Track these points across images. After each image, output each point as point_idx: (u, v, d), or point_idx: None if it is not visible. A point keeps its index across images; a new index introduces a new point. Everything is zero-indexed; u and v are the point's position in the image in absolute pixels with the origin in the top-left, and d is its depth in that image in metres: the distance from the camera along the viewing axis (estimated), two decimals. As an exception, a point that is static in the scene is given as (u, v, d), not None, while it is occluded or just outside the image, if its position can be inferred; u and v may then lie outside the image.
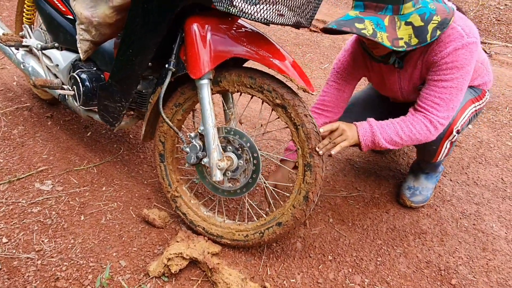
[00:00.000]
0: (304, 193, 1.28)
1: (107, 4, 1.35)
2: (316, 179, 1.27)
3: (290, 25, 1.19)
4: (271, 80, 1.26)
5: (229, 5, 1.13)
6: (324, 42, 3.35)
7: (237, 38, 1.26)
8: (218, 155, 1.29)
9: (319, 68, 2.89)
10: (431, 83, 1.32)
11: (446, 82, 1.29)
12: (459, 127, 1.47)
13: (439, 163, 1.66)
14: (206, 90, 1.26)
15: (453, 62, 1.27)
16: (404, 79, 1.48)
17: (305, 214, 1.31)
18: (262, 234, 1.36)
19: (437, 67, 1.30)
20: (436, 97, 1.31)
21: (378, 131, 1.32)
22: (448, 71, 1.28)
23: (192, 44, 1.23)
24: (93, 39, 1.43)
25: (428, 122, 1.31)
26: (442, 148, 1.52)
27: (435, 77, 1.31)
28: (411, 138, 1.32)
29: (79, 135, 2.06)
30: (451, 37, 1.27)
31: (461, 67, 1.27)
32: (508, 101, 2.58)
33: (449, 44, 1.27)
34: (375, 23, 1.21)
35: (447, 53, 1.27)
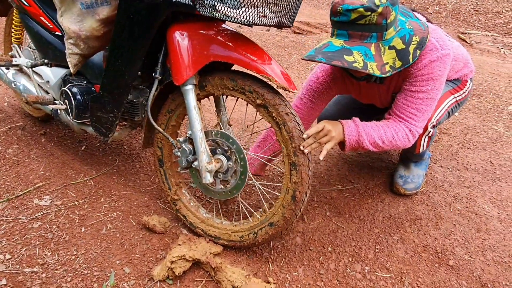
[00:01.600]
0: (291, 193, 1.28)
1: (94, 18, 1.38)
2: (303, 177, 1.27)
3: (273, 26, 1.23)
4: (252, 81, 1.28)
5: (213, 10, 1.17)
6: (309, 43, 3.41)
7: (217, 42, 1.27)
8: (206, 158, 1.31)
9: (306, 69, 2.95)
10: (409, 94, 1.37)
11: (422, 93, 1.35)
12: (434, 122, 1.53)
13: (422, 153, 1.71)
14: (191, 95, 1.29)
15: (428, 74, 1.33)
16: (383, 91, 1.54)
17: (295, 213, 1.31)
18: (255, 234, 1.38)
19: (414, 78, 1.36)
20: (413, 108, 1.37)
21: (363, 132, 1.35)
22: (424, 83, 1.34)
23: (174, 51, 1.26)
24: (82, 52, 1.46)
25: (408, 131, 1.37)
26: (421, 141, 1.58)
27: (411, 87, 1.37)
28: (392, 144, 1.37)
29: (73, 149, 2.08)
30: (427, 49, 1.33)
31: (436, 79, 1.34)
32: (491, 87, 2.65)
33: (424, 57, 1.33)
34: (363, 53, 1.23)
35: (423, 65, 1.33)
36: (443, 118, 1.59)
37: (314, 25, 3.78)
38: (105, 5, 1.38)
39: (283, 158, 1.30)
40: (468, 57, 1.66)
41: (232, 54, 1.25)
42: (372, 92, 1.56)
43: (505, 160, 1.96)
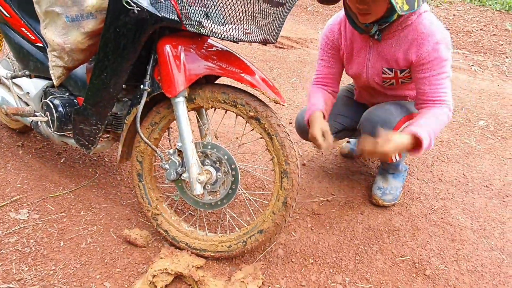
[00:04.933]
0: (282, 199, 1.34)
1: (79, 31, 1.38)
2: (293, 184, 1.33)
3: (258, 42, 1.27)
4: (243, 95, 1.33)
5: (199, 26, 1.20)
6: (290, 57, 3.48)
7: (208, 57, 1.33)
8: (197, 169, 1.33)
9: (287, 82, 3.00)
10: (433, 79, 1.48)
11: (443, 74, 1.47)
12: (402, 130, 1.58)
13: (397, 163, 1.77)
14: (182, 108, 1.31)
15: (440, 57, 1.44)
16: (373, 56, 1.59)
17: (285, 219, 1.36)
18: (245, 242, 1.40)
19: (429, 63, 1.46)
20: (443, 88, 1.48)
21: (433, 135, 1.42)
22: (440, 65, 1.45)
23: (166, 64, 1.28)
24: (66, 64, 1.46)
25: (448, 110, 1.50)
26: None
27: (433, 72, 1.47)
28: (441, 128, 1.49)
29: (52, 162, 2.04)
30: (428, 32, 1.43)
31: (447, 59, 1.47)
32: (463, 103, 2.77)
33: (430, 39, 1.43)
34: None
35: (431, 49, 1.44)
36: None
37: (295, 40, 3.87)
38: (90, 18, 1.38)
39: (274, 167, 1.35)
40: None
41: (226, 68, 1.29)
42: (363, 55, 1.62)
43: (477, 173, 2.04)
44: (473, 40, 3.86)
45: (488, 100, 2.83)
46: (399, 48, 1.51)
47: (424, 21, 1.45)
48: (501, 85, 3.09)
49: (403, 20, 1.46)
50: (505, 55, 3.59)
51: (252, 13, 1.17)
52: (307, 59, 3.42)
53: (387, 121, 1.59)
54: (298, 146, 2.25)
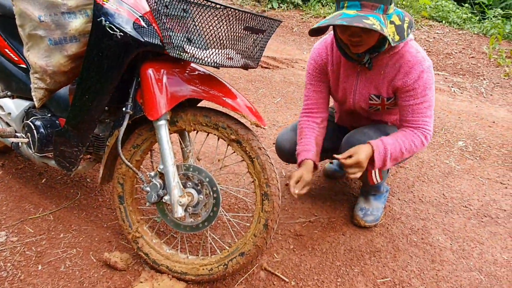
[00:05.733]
0: (263, 221, 1.35)
1: (62, 54, 1.39)
2: (274, 207, 1.34)
3: (239, 67, 1.29)
4: (225, 118, 1.35)
5: (181, 51, 1.22)
6: (276, 77, 3.54)
7: (191, 80, 1.35)
8: (178, 192, 1.33)
9: (272, 103, 3.05)
10: (416, 107, 1.53)
11: (425, 103, 1.52)
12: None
13: (378, 185, 1.80)
14: (164, 131, 1.32)
15: (424, 85, 1.50)
16: (361, 82, 1.62)
17: (266, 241, 1.37)
18: (226, 265, 1.40)
19: (413, 91, 1.51)
20: (424, 116, 1.53)
21: (389, 150, 1.50)
22: (424, 93, 1.51)
23: (149, 87, 1.30)
24: (48, 87, 1.46)
25: (424, 137, 1.54)
26: (371, 172, 1.67)
27: (417, 100, 1.52)
28: (411, 152, 1.55)
29: (33, 182, 2.02)
30: (413, 61, 1.49)
31: (431, 87, 1.52)
32: (443, 124, 2.84)
33: (414, 69, 1.49)
34: (377, 19, 1.34)
35: (416, 77, 1.49)
36: None
37: (280, 60, 3.93)
38: (74, 41, 1.40)
39: (255, 189, 1.36)
40: None
41: (208, 92, 1.32)
42: (350, 82, 1.65)
43: (456, 193, 2.09)
44: (452, 62, 3.98)
45: (467, 121, 2.91)
46: (387, 75, 1.55)
47: (411, 50, 1.50)
48: (479, 106, 3.18)
49: (391, 47, 1.50)
50: (482, 77, 3.71)
51: (233, 39, 1.20)
52: (292, 80, 3.47)
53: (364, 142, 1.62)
54: (282, 166, 2.27)
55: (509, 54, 4.06)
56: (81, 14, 1.38)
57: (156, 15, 1.20)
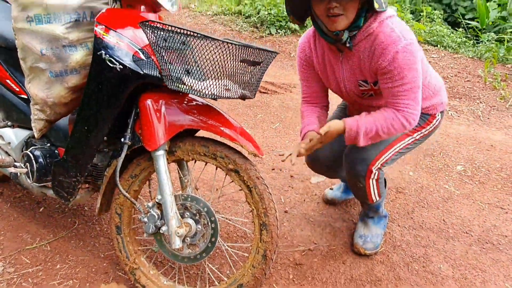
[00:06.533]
0: (262, 252, 1.34)
1: (62, 85, 1.42)
2: (272, 237, 1.34)
3: (236, 98, 1.31)
4: (223, 147, 1.36)
5: (180, 83, 1.24)
6: (274, 102, 3.57)
7: (189, 111, 1.37)
8: (176, 223, 1.32)
9: (270, 128, 3.07)
10: (395, 90, 1.45)
11: (406, 85, 1.43)
12: (379, 165, 1.63)
13: (377, 205, 1.79)
14: (162, 161, 1.33)
15: (400, 67, 1.40)
16: (346, 70, 1.57)
17: (265, 272, 1.35)
18: (224, 297, 1.38)
19: (389, 73, 1.43)
20: (405, 99, 1.45)
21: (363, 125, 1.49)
22: (402, 75, 1.41)
23: (147, 119, 1.32)
24: (48, 118, 1.48)
25: (405, 120, 1.46)
26: (370, 187, 1.66)
27: (395, 83, 1.44)
28: (390, 133, 1.50)
29: (31, 211, 2.01)
30: (390, 39, 1.40)
31: (410, 68, 1.41)
32: (441, 147, 2.85)
33: (389, 48, 1.40)
34: None
35: (391, 58, 1.40)
36: (390, 161, 1.67)
37: (278, 85, 3.98)
38: (74, 73, 1.42)
39: (253, 219, 1.36)
40: (441, 86, 1.72)
41: (206, 122, 1.33)
42: (337, 74, 1.60)
43: (456, 219, 2.07)
44: (448, 86, 4.03)
45: (465, 144, 2.92)
46: (367, 60, 1.49)
47: (385, 29, 1.41)
48: (476, 130, 3.20)
49: (365, 29, 1.43)
50: (479, 100, 3.75)
51: (231, 71, 1.22)
52: (290, 105, 3.51)
53: (364, 159, 1.63)
54: (281, 193, 2.27)
55: (504, 77, 4.11)
56: (81, 47, 1.42)
57: (155, 49, 1.23)
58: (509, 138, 3.07)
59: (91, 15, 1.42)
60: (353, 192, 1.80)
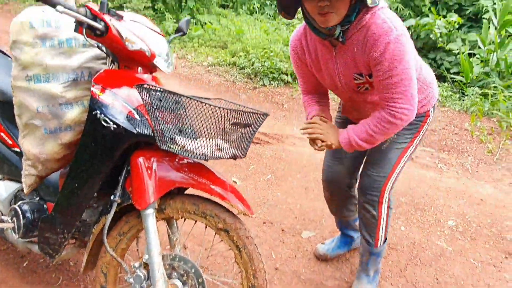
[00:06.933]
0: (251, 315, 1.30)
1: (56, 142, 1.44)
2: None
3: (227, 158, 1.34)
4: (213, 206, 1.37)
5: (172, 143, 1.27)
6: (266, 153, 3.61)
7: (180, 168, 1.38)
8: (163, 284, 1.29)
9: (263, 180, 3.08)
10: (384, 82, 1.43)
11: (395, 77, 1.40)
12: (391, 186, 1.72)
13: (379, 252, 1.81)
14: (151, 220, 1.32)
15: (391, 58, 1.38)
16: (340, 64, 1.55)
17: None
18: None
19: (380, 65, 1.41)
20: (394, 93, 1.43)
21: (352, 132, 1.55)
22: (391, 66, 1.39)
23: (138, 177, 1.32)
24: (39, 174, 1.48)
25: (390, 116, 1.45)
26: (381, 217, 1.72)
27: (385, 75, 1.41)
28: (384, 133, 1.51)
29: (14, 265, 1.95)
30: (381, 30, 1.38)
31: (401, 60, 1.38)
32: (431, 201, 2.87)
33: (381, 39, 1.38)
34: None
35: (382, 50, 1.38)
36: (395, 183, 1.75)
37: (271, 136, 4.04)
38: (68, 130, 1.45)
39: (242, 280, 1.33)
40: (433, 78, 1.72)
41: (196, 180, 1.34)
42: (331, 64, 1.58)
43: (449, 278, 2.04)
44: (437, 138, 4.12)
45: (456, 198, 2.94)
46: (360, 53, 1.47)
47: (377, 20, 1.40)
48: (466, 183, 3.23)
49: (358, 21, 1.42)
50: (467, 153, 3.82)
51: (222, 132, 1.26)
52: (282, 156, 3.55)
53: (375, 187, 1.71)
54: (271, 248, 2.23)
55: (490, 131, 4.23)
56: (77, 105, 1.46)
57: (149, 110, 1.27)
58: (498, 192, 3.10)
59: (89, 74, 1.48)
60: (362, 227, 1.82)
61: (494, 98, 4.89)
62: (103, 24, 1.27)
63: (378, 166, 1.71)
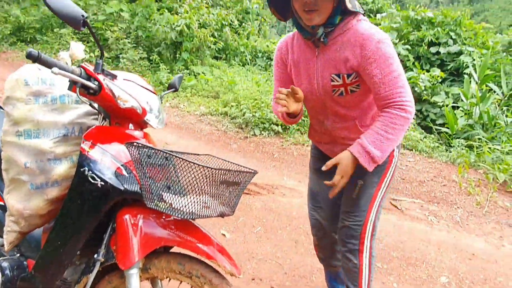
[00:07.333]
0: None
1: (41, 197, 1.42)
2: None
3: (215, 216, 1.32)
4: (199, 266, 1.33)
5: (159, 200, 1.26)
6: (256, 204, 3.58)
7: (166, 226, 1.36)
8: None
9: (252, 232, 3.03)
10: (384, 79, 1.47)
11: (393, 72, 1.46)
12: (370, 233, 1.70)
13: None
14: (135, 280, 1.28)
15: (384, 55, 1.46)
16: (321, 64, 1.60)
17: None
18: None
19: (375, 64, 1.47)
20: (397, 87, 1.47)
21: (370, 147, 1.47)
22: (387, 63, 1.46)
23: (124, 236, 1.30)
24: (21, 230, 1.44)
25: (403, 112, 1.46)
26: (363, 266, 1.70)
27: (383, 72, 1.47)
28: (401, 131, 1.48)
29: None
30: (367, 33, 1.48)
31: (393, 57, 1.48)
32: (423, 256, 2.83)
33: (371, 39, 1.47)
34: None
35: (375, 48, 1.46)
36: (377, 221, 1.73)
37: (261, 186, 4.03)
38: (55, 185, 1.44)
39: None
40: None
41: (183, 238, 1.32)
42: (311, 68, 1.63)
43: None
44: (426, 190, 4.15)
45: (447, 252, 2.91)
46: (343, 51, 1.53)
47: (363, 25, 1.51)
48: (457, 237, 3.22)
49: (344, 24, 1.52)
50: (456, 205, 3.84)
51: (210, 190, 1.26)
52: (272, 207, 3.52)
53: (353, 235, 1.70)
54: (261, 306, 2.15)
55: (477, 182, 4.28)
56: (66, 160, 1.46)
57: (137, 167, 1.27)
58: (489, 246, 3.08)
59: (80, 130, 1.50)
60: (345, 277, 1.79)
61: (480, 150, 5.00)
62: (97, 83, 1.30)
63: (352, 215, 1.73)
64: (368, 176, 1.66)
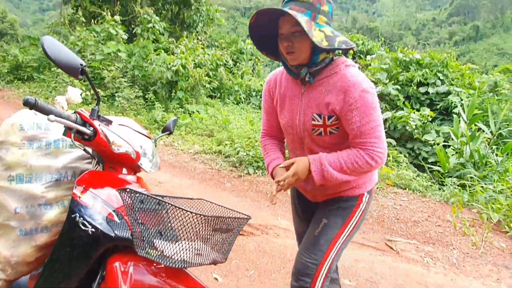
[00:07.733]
0: None
1: (30, 244, 1.39)
2: None
3: (208, 264, 1.30)
4: None
5: (151, 248, 1.24)
6: (250, 245, 3.52)
7: (157, 273, 1.33)
8: None
9: (245, 276, 2.95)
10: (362, 128, 1.51)
11: (371, 122, 1.50)
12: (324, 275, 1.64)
13: None
14: (122, 333, 1.23)
15: (366, 104, 1.49)
16: (305, 102, 1.63)
17: None
18: None
19: (356, 111, 1.50)
20: (371, 137, 1.51)
21: (326, 164, 1.53)
22: (367, 113, 1.50)
23: (112, 282, 1.26)
24: (7, 278, 1.40)
25: (369, 158, 1.51)
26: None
27: (362, 121, 1.50)
28: (356, 171, 1.53)
29: None
30: (354, 81, 1.51)
31: (374, 108, 1.51)
32: (421, 300, 2.76)
33: (355, 87, 1.50)
34: (302, 16, 1.43)
35: (358, 96, 1.49)
36: (331, 272, 1.67)
37: (255, 226, 3.98)
38: (44, 231, 1.42)
39: None
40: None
41: (173, 287, 1.28)
42: (295, 105, 1.66)
43: None
44: (421, 230, 4.12)
45: (445, 296, 2.85)
46: (328, 94, 1.56)
47: (351, 71, 1.54)
48: (454, 279, 3.16)
49: (332, 67, 1.56)
50: (452, 246, 3.80)
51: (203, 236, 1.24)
52: (266, 248, 3.46)
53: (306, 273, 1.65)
54: None
55: (472, 222, 4.27)
56: (57, 205, 1.45)
57: (129, 212, 1.26)
58: (487, 289, 3.03)
59: (73, 174, 1.50)
60: None
61: (472, 189, 5.03)
62: (92, 129, 1.32)
63: (310, 252, 1.68)
64: (332, 216, 1.69)
